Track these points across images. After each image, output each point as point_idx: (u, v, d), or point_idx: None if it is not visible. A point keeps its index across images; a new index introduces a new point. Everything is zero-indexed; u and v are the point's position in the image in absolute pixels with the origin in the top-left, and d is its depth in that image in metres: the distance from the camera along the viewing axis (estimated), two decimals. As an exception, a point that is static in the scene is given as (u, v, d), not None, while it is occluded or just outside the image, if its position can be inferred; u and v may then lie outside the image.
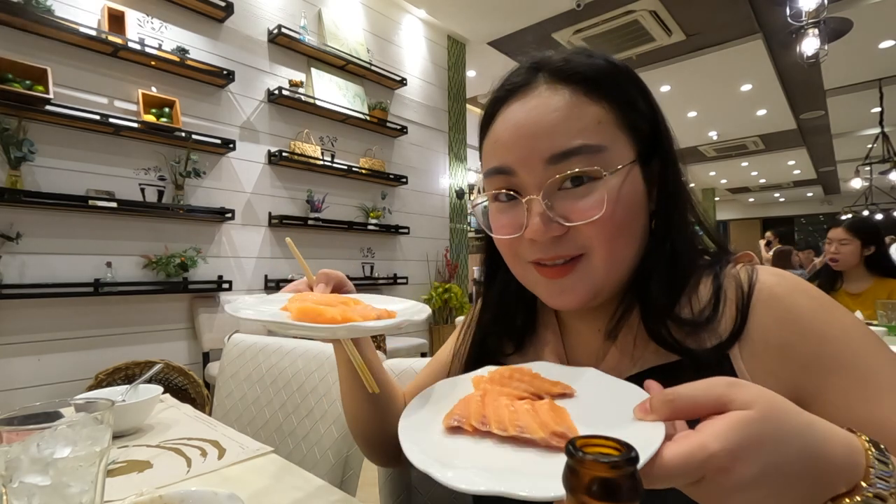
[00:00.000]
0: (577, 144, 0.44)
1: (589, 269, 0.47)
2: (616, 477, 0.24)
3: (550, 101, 0.46)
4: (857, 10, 4.14)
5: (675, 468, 0.28)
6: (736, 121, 7.12)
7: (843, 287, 2.29)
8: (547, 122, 0.45)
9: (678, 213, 0.49)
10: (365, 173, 3.52)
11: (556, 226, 0.45)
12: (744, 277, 0.47)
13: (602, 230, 0.45)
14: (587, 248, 0.46)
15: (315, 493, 0.62)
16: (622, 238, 0.46)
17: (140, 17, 2.57)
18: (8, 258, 2.12)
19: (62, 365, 2.28)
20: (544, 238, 0.46)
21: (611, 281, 0.48)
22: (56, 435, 0.44)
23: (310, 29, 3.31)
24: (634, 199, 0.46)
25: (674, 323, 0.46)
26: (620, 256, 0.47)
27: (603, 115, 0.45)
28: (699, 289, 0.48)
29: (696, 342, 0.45)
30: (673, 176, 0.49)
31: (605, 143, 0.45)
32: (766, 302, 0.44)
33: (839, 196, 12.37)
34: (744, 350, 0.44)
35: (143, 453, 0.76)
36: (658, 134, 0.49)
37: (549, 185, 0.45)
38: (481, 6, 4.05)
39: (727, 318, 0.45)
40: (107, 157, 2.43)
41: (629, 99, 0.47)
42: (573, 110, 0.45)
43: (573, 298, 0.48)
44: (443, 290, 4.03)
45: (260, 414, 1.09)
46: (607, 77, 0.47)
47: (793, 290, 0.45)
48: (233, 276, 2.86)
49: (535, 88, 0.47)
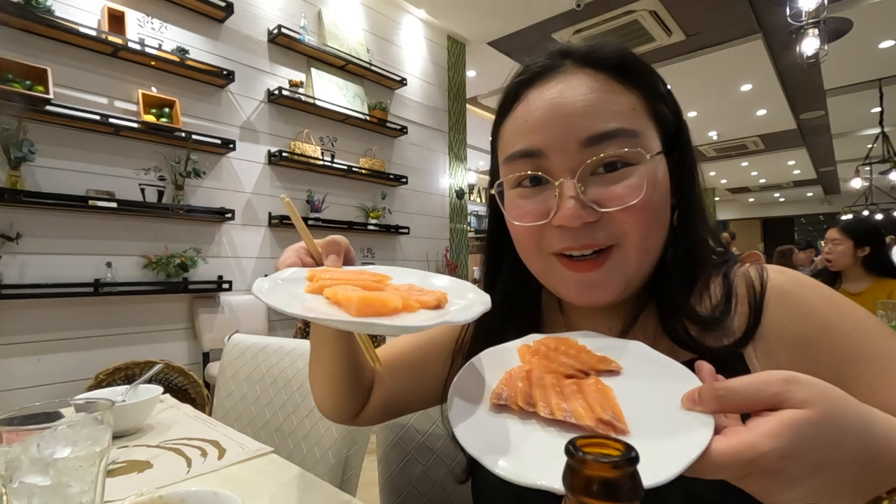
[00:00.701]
0: (615, 127, 0.43)
1: (622, 261, 0.45)
2: (616, 477, 0.23)
3: (584, 83, 0.44)
4: (857, 10, 4.14)
5: (722, 464, 0.27)
6: (736, 121, 7.12)
7: (843, 287, 2.29)
8: (584, 102, 0.43)
9: (696, 209, 0.49)
10: (365, 173, 3.52)
11: (590, 211, 0.43)
12: (754, 276, 0.46)
13: (638, 217, 0.43)
14: (620, 238, 0.44)
15: (315, 493, 0.62)
16: (656, 226, 0.45)
17: (140, 17, 2.58)
18: (8, 258, 2.12)
19: (62, 365, 2.28)
20: (577, 224, 0.43)
21: (641, 274, 0.47)
22: (56, 435, 0.44)
23: (310, 29, 3.31)
24: (665, 188, 0.46)
25: (689, 320, 0.46)
26: (653, 246, 0.46)
27: (636, 102, 0.45)
28: (710, 287, 0.48)
29: (711, 340, 0.45)
30: (691, 172, 0.49)
31: (640, 130, 0.44)
32: (778, 298, 0.44)
33: (839, 196, 12.36)
34: (758, 348, 0.44)
35: (144, 453, 0.76)
36: (680, 128, 0.49)
37: (583, 168, 0.43)
38: (481, 6, 4.05)
39: (740, 317, 0.45)
40: (107, 157, 2.43)
41: (657, 90, 0.47)
42: (608, 94, 0.44)
43: (605, 294, 0.45)
44: (443, 290, 4.03)
45: (260, 414, 1.09)
46: (636, 66, 0.47)
47: (801, 286, 0.45)
48: (233, 277, 2.86)
49: (565, 72, 0.46)
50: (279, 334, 3.14)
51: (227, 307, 2.79)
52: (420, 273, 0.51)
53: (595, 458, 0.24)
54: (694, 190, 0.49)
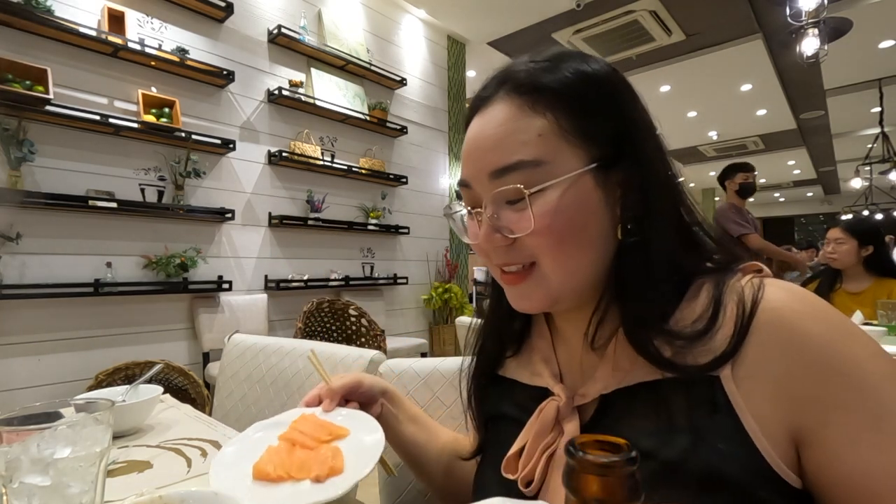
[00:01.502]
0: (515, 161, 0.45)
1: (540, 277, 0.47)
2: (617, 477, 0.23)
3: (499, 115, 0.47)
4: (856, 10, 4.14)
5: None
6: (736, 121, 7.11)
7: (843, 287, 2.29)
8: (491, 137, 0.47)
9: (655, 216, 0.46)
10: (365, 173, 3.52)
11: (499, 237, 0.47)
12: (748, 293, 0.42)
13: (542, 241, 0.45)
14: (535, 258, 0.47)
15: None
16: (568, 248, 0.45)
17: (140, 17, 2.57)
18: (8, 258, 2.12)
19: (62, 365, 2.28)
20: (490, 248, 0.48)
21: (568, 288, 0.47)
22: (56, 435, 0.44)
23: (310, 29, 3.31)
24: (583, 207, 0.45)
25: (662, 336, 0.43)
26: (572, 266, 0.46)
27: (545, 126, 0.45)
28: (698, 300, 0.45)
29: (688, 358, 0.42)
30: (648, 179, 0.46)
31: (545, 157, 0.45)
32: (771, 324, 0.40)
33: (839, 196, 12.36)
34: (738, 371, 0.40)
35: (144, 453, 0.76)
36: (627, 137, 0.46)
37: (492, 197, 0.47)
38: (481, 6, 4.05)
39: (723, 335, 0.41)
40: (107, 157, 2.43)
41: (584, 107, 0.46)
42: (517, 123, 0.46)
43: (531, 303, 0.49)
44: (443, 290, 4.03)
45: (260, 414, 1.09)
46: (564, 87, 0.46)
47: (804, 315, 0.40)
48: (233, 277, 2.86)
49: (495, 100, 0.48)
50: (279, 334, 3.14)
51: (227, 307, 2.79)
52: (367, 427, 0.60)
53: (595, 458, 0.24)
54: (656, 197, 0.46)
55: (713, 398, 0.40)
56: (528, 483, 0.47)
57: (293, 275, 3.17)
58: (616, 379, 0.46)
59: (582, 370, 0.51)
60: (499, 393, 0.59)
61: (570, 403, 0.48)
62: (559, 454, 0.46)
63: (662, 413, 0.42)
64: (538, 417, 0.49)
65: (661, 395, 0.43)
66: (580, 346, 0.51)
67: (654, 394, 0.43)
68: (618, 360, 0.46)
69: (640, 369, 0.44)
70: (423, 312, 4.19)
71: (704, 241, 0.49)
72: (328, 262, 3.42)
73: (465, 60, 4.69)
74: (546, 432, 0.48)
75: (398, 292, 3.95)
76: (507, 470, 0.50)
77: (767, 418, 0.39)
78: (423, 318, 4.20)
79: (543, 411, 0.49)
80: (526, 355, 0.58)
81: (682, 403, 0.41)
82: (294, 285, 3.10)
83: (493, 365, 0.60)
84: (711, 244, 0.49)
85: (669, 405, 0.42)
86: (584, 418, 0.48)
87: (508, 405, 0.57)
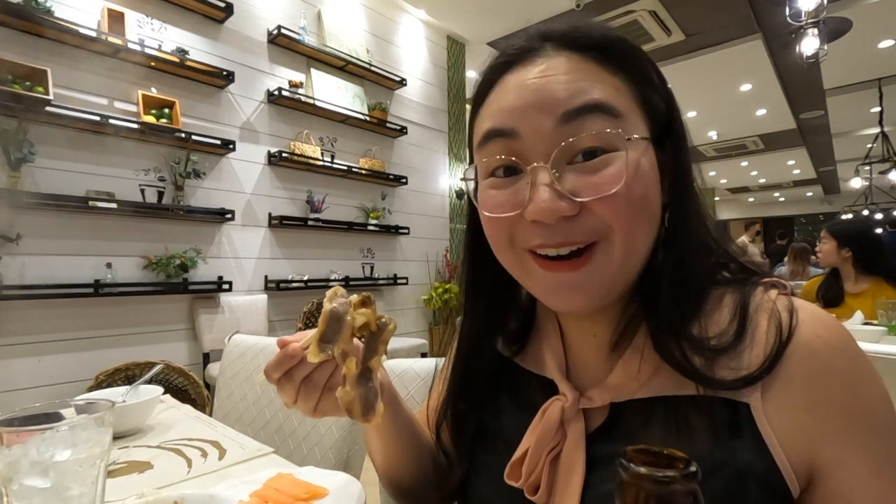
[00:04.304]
0: (596, 100, 0.38)
1: (605, 260, 0.40)
2: (676, 493, 0.21)
3: (564, 65, 0.40)
4: (856, 9, 4.14)
5: None
6: (736, 121, 7.12)
7: (844, 287, 2.30)
8: (561, 80, 0.39)
9: (691, 210, 0.42)
10: (365, 174, 3.52)
11: (567, 202, 0.38)
12: (784, 318, 0.39)
13: (621, 208, 0.38)
14: (603, 233, 0.39)
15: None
16: (643, 220, 0.40)
17: (140, 17, 2.57)
18: (8, 259, 2.12)
19: (62, 366, 2.28)
20: (552, 219, 0.38)
21: (625, 276, 0.41)
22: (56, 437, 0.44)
23: (309, 29, 3.31)
24: (652, 179, 0.40)
25: (690, 344, 0.39)
26: (640, 243, 0.40)
27: (620, 84, 0.40)
28: (720, 310, 0.41)
29: (714, 371, 0.38)
30: (684, 168, 0.43)
31: (623, 110, 0.39)
32: (802, 353, 0.38)
33: (839, 196, 12.37)
34: (767, 398, 0.37)
35: (144, 454, 0.76)
36: (672, 119, 0.44)
37: (558, 152, 0.38)
38: (481, 6, 4.05)
39: (751, 355, 0.38)
40: (107, 158, 2.43)
41: (646, 75, 0.42)
42: (589, 74, 0.40)
43: (583, 298, 0.41)
44: (443, 291, 4.04)
45: (260, 415, 1.09)
46: (621, 48, 0.41)
47: (833, 349, 0.38)
48: (233, 277, 2.86)
49: (544, 55, 0.41)
50: (279, 335, 3.12)
51: (228, 308, 2.79)
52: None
53: (648, 472, 0.21)
54: (688, 188, 0.43)
55: (738, 423, 0.38)
56: (536, 489, 0.44)
57: (293, 275, 3.16)
58: (630, 389, 0.42)
59: (589, 369, 0.48)
60: (494, 385, 0.55)
61: (576, 405, 0.45)
62: (564, 457, 0.44)
63: (683, 433, 0.39)
64: (541, 419, 0.45)
65: (681, 413, 0.39)
66: (594, 350, 0.48)
67: (674, 411, 0.40)
68: (634, 368, 0.42)
69: (659, 381, 0.41)
70: (423, 312, 4.19)
71: (722, 247, 0.45)
72: (328, 262, 3.42)
73: (464, 61, 4.69)
74: (550, 435, 0.44)
75: (398, 292, 3.95)
76: (511, 477, 0.46)
77: (794, 451, 0.37)
78: (423, 318, 4.19)
79: (547, 413, 0.45)
80: (532, 356, 0.53)
81: (704, 425, 0.38)
82: (294, 286, 3.10)
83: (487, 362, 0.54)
84: (725, 252, 0.45)
85: (691, 425, 0.39)
86: (592, 425, 0.45)
87: (506, 396, 0.53)
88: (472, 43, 4.66)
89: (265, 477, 0.59)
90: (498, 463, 0.48)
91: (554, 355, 0.50)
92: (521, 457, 0.45)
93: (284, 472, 0.60)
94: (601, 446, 0.43)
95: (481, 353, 0.54)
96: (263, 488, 0.56)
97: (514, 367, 0.54)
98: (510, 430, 0.50)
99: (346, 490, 0.57)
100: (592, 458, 0.43)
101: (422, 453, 0.58)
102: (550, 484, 0.44)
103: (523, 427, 0.47)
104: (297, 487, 0.55)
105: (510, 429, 0.50)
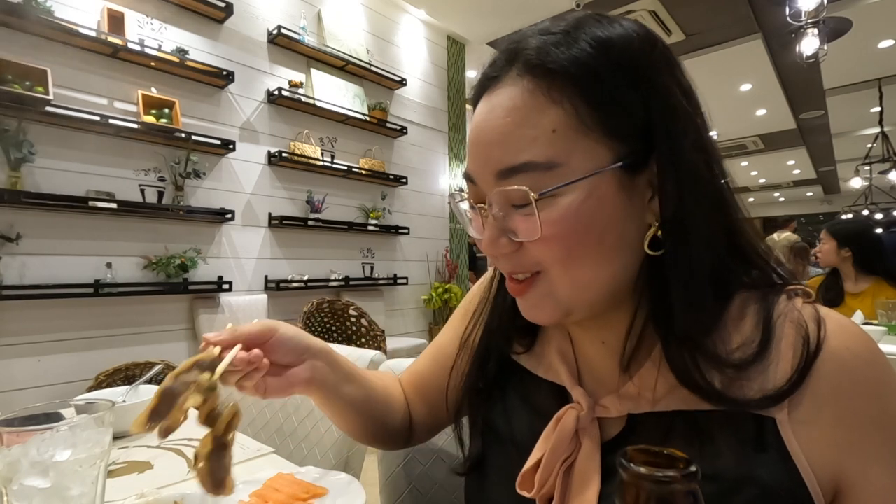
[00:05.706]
0: (522, 162, 0.39)
1: (547, 288, 0.42)
2: (676, 494, 0.21)
3: (507, 101, 0.40)
4: (856, 9, 4.14)
5: None
6: (736, 121, 7.11)
7: (844, 287, 2.30)
8: (497, 129, 0.40)
9: (694, 223, 0.39)
10: (365, 174, 3.52)
11: (505, 241, 0.42)
12: (811, 329, 0.38)
13: (549, 251, 0.40)
14: (542, 266, 0.41)
15: (315, 493, 0.62)
16: (580, 260, 0.40)
17: (140, 17, 2.57)
18: (8, 259, 2.12)
19: (62, 366, 2.28)
20: (494, 252, 0.43)
21: (582, 301, 0.42)
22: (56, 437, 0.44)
23: (309, 29, 3.31)
24: (601, 214, 0.39)
25: (708, 362, 0.38)
26: (585, 279, 0.40)
27: (561, 119, 0.38)
28: (744, 320, 0.40)
29: (737, 389, 0.37)
30: (685, 179, 0.39)
31: (558, 158, 0.38)
32: (831, 367, 0.37)
33: (839, 196, 12.36)
34: (795, 414, 0.37)
35: (144, 454, 0.76)
36: (662, 127, 0.39)
37: (498, 198, 0.41)
38: (481, 6, 4.05)
39: (778, 370, 0.37)
40: (107, 158, 2.43)
41: (608, 92, 0.38)
42: (527, 115, 0.39)
43: (540, 316, 0.44)
44: (443, 291, 4.04)
45: (260, 415, 1.09)
46: (582, 67, 0.38)
47: (862, 361, 0.38)
48: (233, 277, 2.86)
49: (504, 82, 0.41)
50: (279, 335, 3.13)
51: (228, 308, 2.79)
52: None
53: (648, 472, 0.21)
54: (694, 201, 0.39)
55: (763, 438, 0.37)
56: (548, 500, 0.44)
57: (293, 275, 3.17)
58: (647, 401, 0.42)
59: (601, 376, 0.47)
60: (503, 384, 0.54)
61: (591, 414, 0.44)
62: (578, 467, 0.43)
63: (707, 448, 0.38)
64: (555, 428, 0.44)
65: (703, 426, 0.39)
66: (597, 352, 0.48)
67: (695, 426, 0.39)
68: (651, 382, 0.41)
69: (678, 396, 0.40)
70: (423, 313, 4.19)
71: (749, 251, 0.43)
72: (328, 262, 3.42)
73: (464, 61, 4.69)
74: (564, 445, 0.43)
75: (398, 292, 3.95)
76: (524, 487, 0.44)
77: (820, 466, 0.36)
78: (423, 318, 4.19)
79: (562, 422, 0.44)
80: (542, 357, 0.52)
81: (728, 439, 0.38)
82: (294, 286, 3.10)
83: (496, 363, 0.55)
84: (756, 254, 0.44)
85: (714, 440, 0.38)
86: (607, 434, 0.44)
87: (516, 399, 0.52)
88: (472, 43, 4.66)
89: (265, 477, 0.59)
90: (508, 467, 0.47)
91: (564, 360, 0.49)
92: (533, 466, 0.44)
93: (284, 472, 0.61)
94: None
95: (497, 349, 0.55)
96: (263, 488, 0.56)
97: (520, 369, 0.54)
98: (521, 434, 0.49)
99: (345, 490, 0.57)
100: (607, 468, 0.42)
101: (374, 423, 0.61)
102: (563, 494, 0.43)
103: (534, 432, 0.46)
104: (296, 487, 0.55)
105: (521, 432, 0.50)
